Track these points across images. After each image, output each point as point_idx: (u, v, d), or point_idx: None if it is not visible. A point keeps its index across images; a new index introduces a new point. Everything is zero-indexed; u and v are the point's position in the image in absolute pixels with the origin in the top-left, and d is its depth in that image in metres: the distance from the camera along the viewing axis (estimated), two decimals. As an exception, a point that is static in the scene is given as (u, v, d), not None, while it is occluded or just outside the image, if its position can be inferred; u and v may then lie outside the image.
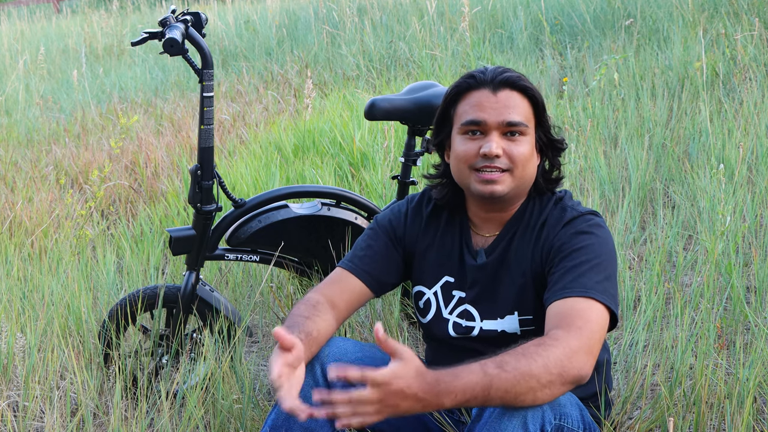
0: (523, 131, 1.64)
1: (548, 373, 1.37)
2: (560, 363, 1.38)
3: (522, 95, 1.64)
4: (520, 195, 1.69)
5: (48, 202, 3.86)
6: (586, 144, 3.78)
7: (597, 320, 1.48)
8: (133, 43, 2.22)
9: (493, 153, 1.60)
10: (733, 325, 2.42)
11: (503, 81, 1.63)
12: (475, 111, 1.64)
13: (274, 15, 8.16)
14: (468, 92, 1.66)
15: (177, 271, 3.18)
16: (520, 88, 1.64)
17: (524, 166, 1.64)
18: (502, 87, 1.63)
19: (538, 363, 1.37)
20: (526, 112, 1.64)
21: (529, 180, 1.68)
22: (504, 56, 5.81)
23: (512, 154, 1.62)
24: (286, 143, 4.33)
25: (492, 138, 1.62)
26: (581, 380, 1.42)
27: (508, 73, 1.64)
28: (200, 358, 2.30)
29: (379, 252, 1.77)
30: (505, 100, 1.63)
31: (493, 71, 1.65)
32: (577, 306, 1.49)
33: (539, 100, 1.66)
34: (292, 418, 1.58)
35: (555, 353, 1.39)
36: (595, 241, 1.59)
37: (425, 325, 1.78)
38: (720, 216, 2.71)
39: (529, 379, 1.36)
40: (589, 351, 1.43)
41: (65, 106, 6.57)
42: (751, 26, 4.98)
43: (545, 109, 1.68)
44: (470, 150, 1.64)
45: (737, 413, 1.85)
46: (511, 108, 1.62)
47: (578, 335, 1.43)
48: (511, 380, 1.35)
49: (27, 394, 2.21)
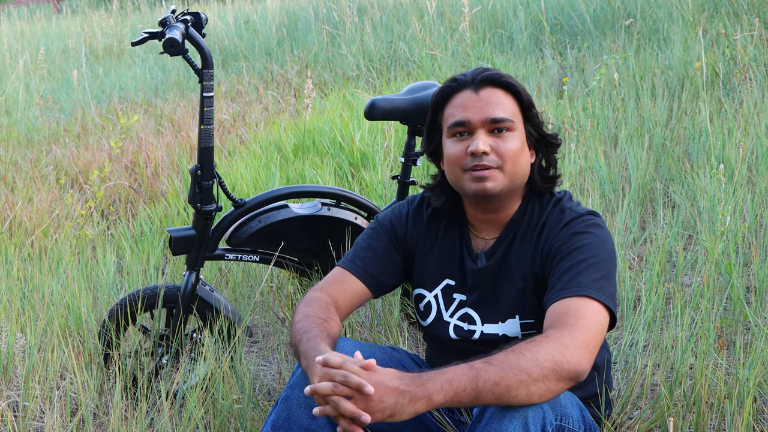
0: (510, 127, 1.64)
1: (539, 366, 1.37)
2: (551, 357, 1.38)
3: (505, 92, 1.66)
4: (514, 193, 1.69)
5: (48, 202, 3.86)
6: (586, 144, 3.78)
7: (591, 316, 1.48)
8: (133, 43, 2.22)
9: (480, 150, 1.61)
10: (733, 325, 2.42)
11: (484, 80, 1.65)
12: (459, 112, 1.65)
13: (274, 15, 8.16)
14: (452, 96, 1.68)
15: (177, 271, 3.18)
16: (501, 84, 1.65)
17: (514, 162, 1.64)
18: (484, 86, 1.65)
19: (527, 357, 1.38)
20: (510, 108, 1.65)
21: (522, 176, 1.67)
22: (504, 56, 5.81)
23: (500, 150, 1.63)
24: (286, 143, 4.33)
25: (478, 136, 1.63)
26: (579, 376, 1.42)
27: (489, 72, 1.66)
28: (200, 358, 2.30)
29: (379, 253, 1.77)
30: (487, 98, 1.64)
31: (473, 72, 1.67)
32: (572, 305, 1.49)
33: (523, 95, 1.66)
34: (292, 418, 1.58)
35: (545, 348, 1.39)
36: (593, 241, 1.59)
37: (426, 327, 1.78)
38: (720, 216, 2.71)
39: (518, 372, 1.36)
40: (584, 346, 1.43)
41: (65, 106, 6.57)
42: (751, 26, 4.98)
43: (532, 105, 1.68)
44: (459, 151, 1.65)
45: (737, 413, 1.85)
46: (494, 105, 1.64)
47: (570, 331, 1.44)
48: (499, 373, 1.36)
49: (27, 394, 2.21)
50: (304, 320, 1.61)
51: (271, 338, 2.78)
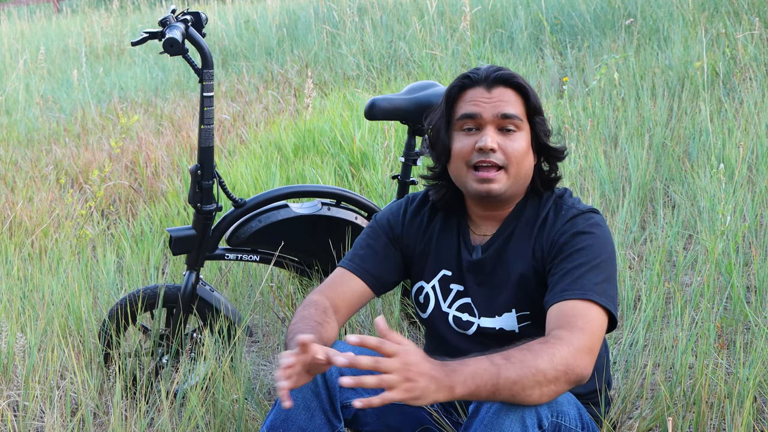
0: (518, 125, 1.65)
1: (554, 369, 1.39)
2: (565, 360, 1.40)
3: (516, 92, 1.67)
4: (517, 194, 1.70)
5: (48, 201, 3.86)
6: (586, 144, 3.78)
7: (595, 321, 1.50)
8: (133, 43, 2.22)
9: (488, 147, 1.62)
10: (733, 325, 2.42)
11: (497, 78, 1.66)
12: (470, 106, 1.66)
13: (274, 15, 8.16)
14: (464, 91, 1.69)
15: (177, 271, 3.18)
16: (514, 85, 1.66)
17: (519, 163, 1.65)
18: (497, 84, 1.66)
19: (544, 359, 1.39)
20: (520, 108, 1.66)
21: (525, 178, 1.68)
22: (504, 56, 5.81)
23: (507, 149, 1.64)
24: (286, 143, 4.33)
25: (487, 132, 1.64)
26: (582, 380, 1.44)
27: (502, 71, 1.67)
28: (200, 357, 2.30)
29: (379, 251, 1.78)
30: (499, 96, 1.65)
31: (487, 70, 1.68)
32: (577, 308, 1.51)
33: (532, 98, 1.67)
34: (290, 418, 1.59)
35: (560, 351, 1.41)
36: (595, 242, 1.59)
37: (425, 320, 1.79)
38: (720, 215, 2.71)
39: (536, 373, 1.38)
40: (590, 352, 1.46)
41: (65, 106, 6.56)
42: (752, 26, 4.98)
43: (540, 110, 1.69)
44: (466, 146, 1.65)
45: (737, 413, 1.85)
46: (506, 102, 1.65)
47: (581, 335, 1.45)
48: (518, 371, 1.37)
49: (27, 393, 2.21)
50: (300, 322, 1.61)
51: (271, 338, 2.79)
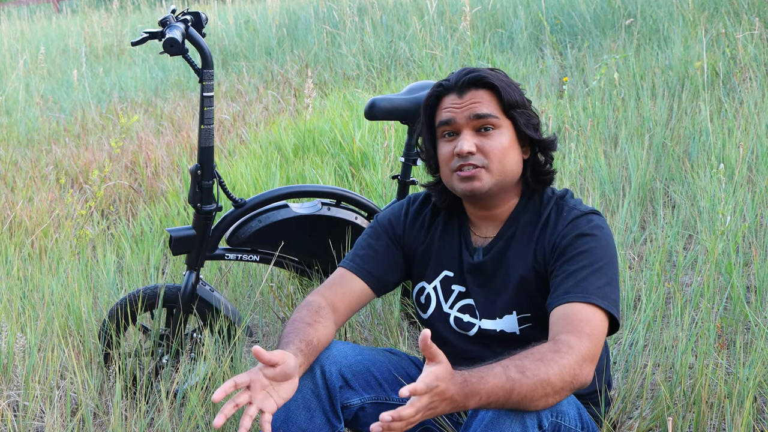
0: (495, 123, 1.65)
1: (562, 380, 1.41)
2: (572, 371, 1.42)
3: (488, 92, 1.67)
4: (505, 190, 1.69)
5: (48, 201, 3.86)
6: (586, 144, 3.78)
7: (598, 326, 1.51)
8: (133, 43, 2.22)
9: (464, 150, 1.63)
10: (733, 325, 2.42)
11: (466, 82, 1.67)
12: (445, 113, 1.69)
13: (274, 15, 8.16)
14: (440, 100, 1.71)
15: (177, 271, 3.18)
16: (485, 85, 1.67)
17: (501, 159, 1.65)
18: (467, 88, 1.67)
19: (555, 371, 1.40)
20: (495, 106, 1.66)
21: (511, 173, 1.68)
22: (504, 56, 5.81)
23: (485, 149, 1.64)
24: (286, 143, 4.33)
25: (463, 137, 1.65)
26: (584, 387, 1.47)
27: (472, 74, 1.67)
28: (200, 357, 2.30)
29: (379, 251, 1.78)
30: (470, 98, 1.66)
31: (457, 75, 1.69)
32: (583, 312, 1.52)
33: (504, 94, 1.65)
34: (290, 419, 1.59)
35: (569, 361, 1.42)
36: (597, 244, 1.60)
37: (426, 321, 1.79)
38: (720, 215, 2.71)
39: (546, 386, 1.39)
40: (594, 359, 1.48)
41: (65, 106, 6.57)
42: (752, 26, 4.98)
43: (519, 104, 1.67)
44: (447, 152, 1.68)
45: (737, 413, 1.85)
46: (478, 103, 1.66)
47: (588, 343, 1.47)
48: (531, 386, 1.38)
49: (27, 393, 2.21)
50: (289, 325, 1.63)
51: (271, 338, 2.79)
